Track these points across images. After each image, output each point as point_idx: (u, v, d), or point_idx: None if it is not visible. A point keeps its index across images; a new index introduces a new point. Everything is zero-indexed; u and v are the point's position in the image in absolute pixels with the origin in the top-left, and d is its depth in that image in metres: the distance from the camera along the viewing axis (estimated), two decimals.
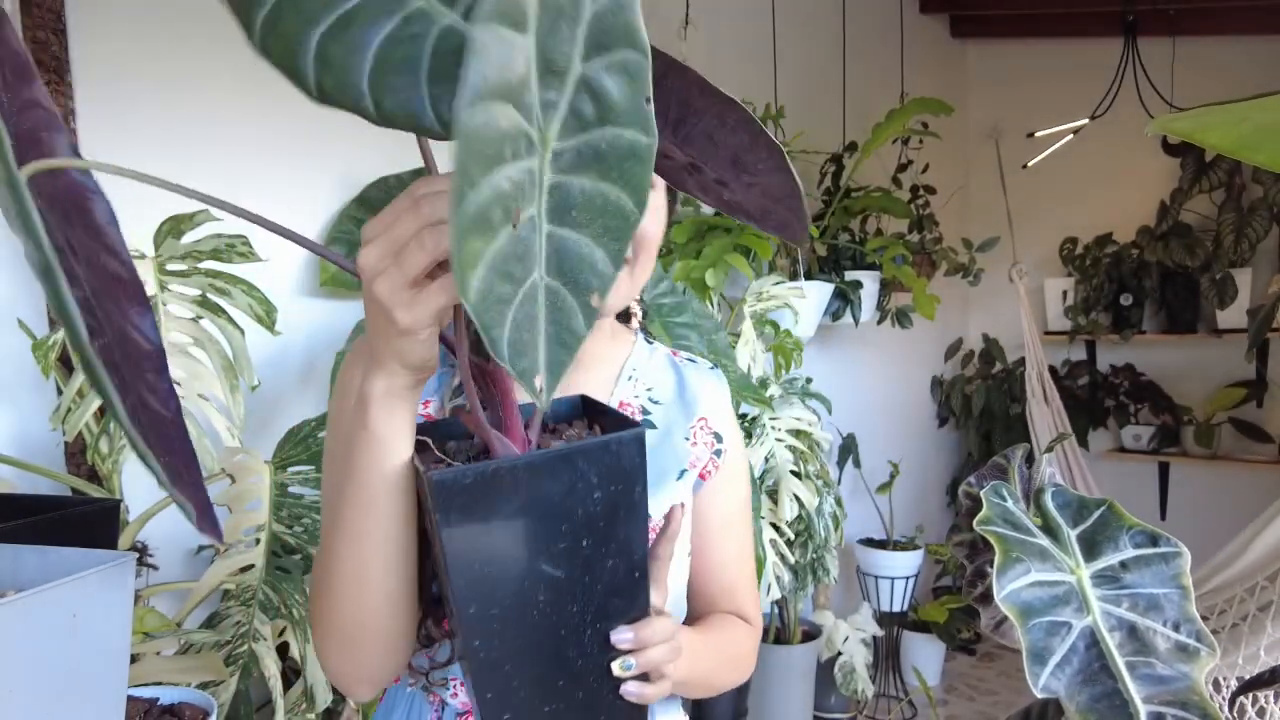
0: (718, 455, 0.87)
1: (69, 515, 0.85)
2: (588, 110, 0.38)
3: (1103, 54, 3.25)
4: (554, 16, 0.35)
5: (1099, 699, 0.80)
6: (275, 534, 1.23)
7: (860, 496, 3.32)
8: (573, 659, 0.55)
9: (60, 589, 0.54)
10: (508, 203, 0.37)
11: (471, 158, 0.34)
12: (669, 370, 0.89)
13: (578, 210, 0.40)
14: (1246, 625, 1.89)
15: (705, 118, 0.49)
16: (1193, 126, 0.53)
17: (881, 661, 3.11)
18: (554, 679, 0.55)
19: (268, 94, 1.57)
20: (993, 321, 4.04)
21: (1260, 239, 3.28)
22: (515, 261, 0.39)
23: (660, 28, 2.40)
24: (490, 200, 0.36)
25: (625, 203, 0.40)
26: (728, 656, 0.84)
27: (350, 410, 0.59)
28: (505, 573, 0.51)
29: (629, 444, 0.53)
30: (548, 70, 0.36)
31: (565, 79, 0.37)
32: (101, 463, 1.25)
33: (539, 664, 0.54)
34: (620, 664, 0.57)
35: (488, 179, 0.35)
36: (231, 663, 1.13)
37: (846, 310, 2.78)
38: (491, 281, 0.38)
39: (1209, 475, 3.52)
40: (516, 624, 0.53)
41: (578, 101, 0.38)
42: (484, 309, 0.38)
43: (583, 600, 0.54)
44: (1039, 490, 1.01)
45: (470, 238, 0.36)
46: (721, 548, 0.88)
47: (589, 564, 0.54)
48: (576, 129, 0.38)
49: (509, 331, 0.40)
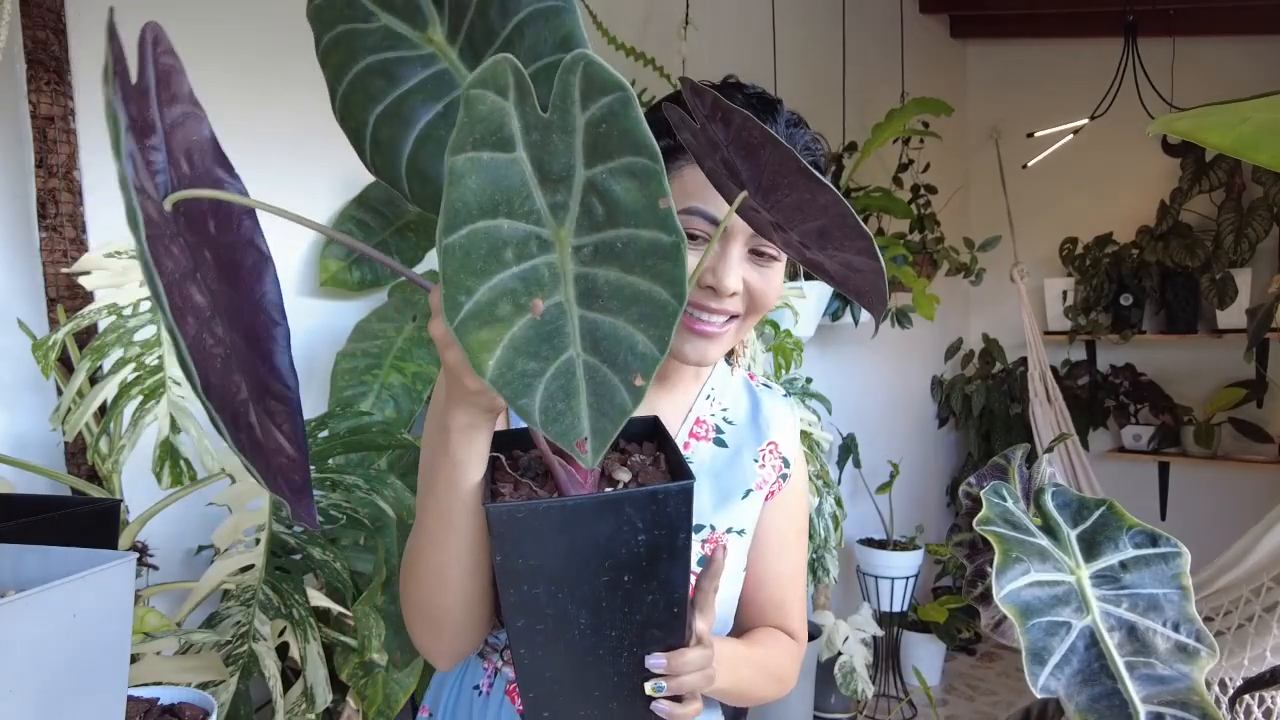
0: (784, 479, 0.92)
1: (69, 515, 0.85)
2: (599, 212, 0.39)
3: (1103, 54, 3.25)
4: (543, 132, 0.37)
5: (1098, 699, 0.80)
6: (275, 534, 1.23)
7: (860, 496, 3.32)
8: (609, 675, 0.59)
9: (60, 589, 0.54)
10: (518, 297, 0.40)
11: (460, 270, 0.38)
12: (745, 394, 0.95)
13: (606, 298, 0.41)
14: (1252, 626, 1.89)
15: (796, 192, 0.51)
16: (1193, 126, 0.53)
17: (881, 661, 3.11)
18: (590, 690, 0.60)
19: (267, 94, 1.57)
20: (993, 321, 4.04)
21: (1260, 239, 3.28)
22: (541, 342, 0.41)
23: (660, 27, 2.40)
24: (493, 299, 0.39)
25: (659, 293, 0.41)
26: (770, 671, 0.86)
27: (435, 434, 0.66)
28: (551, 596, 0.56)
29: (675, 495, 0.56)
30: (547, 179, 0.38)
31: (570, 184, 0.38)
32: (101, 463, 1.25)
33: (577, 676, 0.59)
34: (653, 685, 0.61)
35: (486, 284, 0.39)
36: (231, 663, 1.13)
37: (846, 310, 2.78)
38: (513, 360, 0.41)
39: (1209, 475, 3.52)
40: (558, 640, 0.57)
41: (588, 203, 0.39)
42: (504, 383, 0.42)
43: (621, 627, 0.58)
44: (1039, 490, 1.01)
45: (474, 331, 0.40)
46: (777, 563, 0.92)
47: (629, 597, 0.57)
48: (590, 228, 0.40)
49: (540, 401, 0.43)
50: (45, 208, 1.30)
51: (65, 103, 1.31)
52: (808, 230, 0.53)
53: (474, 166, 0.36)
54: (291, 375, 0.43)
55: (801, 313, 2.37)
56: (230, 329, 0.42)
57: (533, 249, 0.39)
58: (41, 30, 1.28)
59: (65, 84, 1.31)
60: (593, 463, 0.45)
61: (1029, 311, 3.37)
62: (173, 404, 1.20)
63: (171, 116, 0.42)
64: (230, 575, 1.20)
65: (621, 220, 0.39)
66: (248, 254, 0.42)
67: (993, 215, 3.82)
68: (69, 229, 1.32)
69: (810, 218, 0.52)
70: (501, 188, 0.37)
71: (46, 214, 1.30)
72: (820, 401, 2.42)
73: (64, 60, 1.31)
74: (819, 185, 0.49)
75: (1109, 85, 3.01)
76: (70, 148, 1.32)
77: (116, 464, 1.22)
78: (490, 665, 0.85)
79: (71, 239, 1.32)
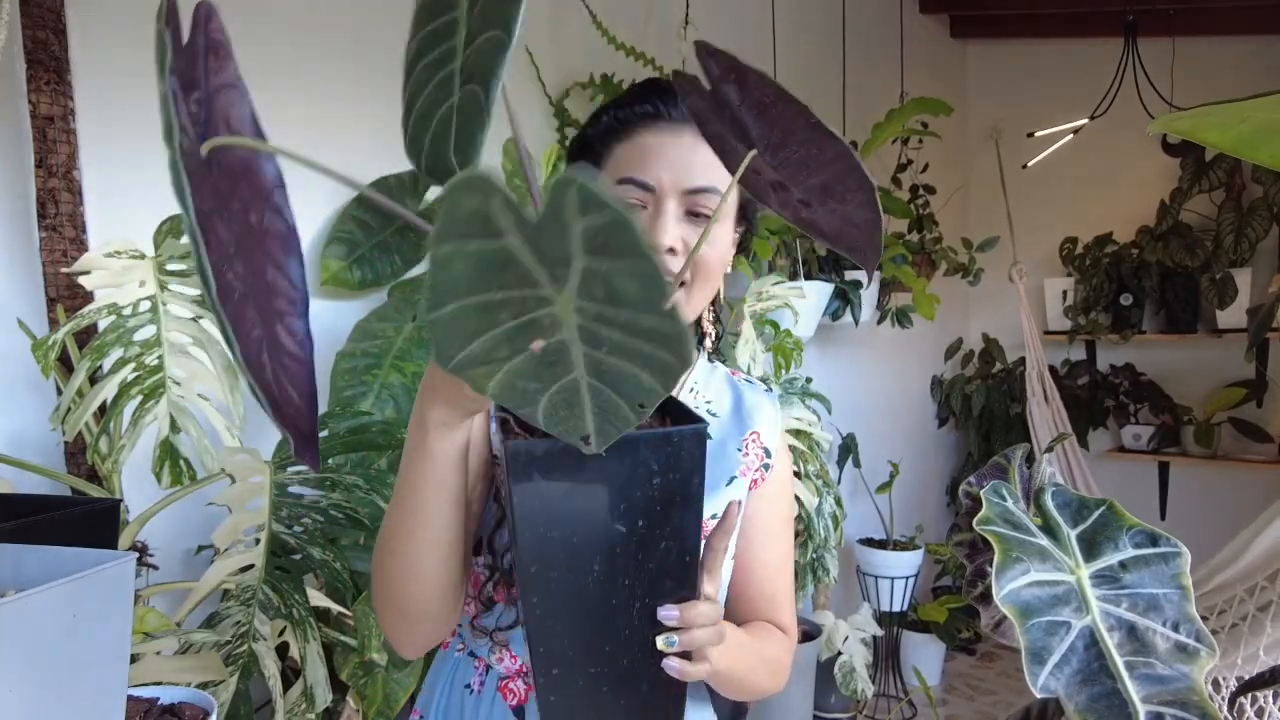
0: (766, 469, 0.92)
1: (69, 515, 0.85)
2: (599, 293, 0.36)
3: (1102, 54, 3.25)
4: (534, 231, 0.33)
5: (1098, 699, 0.80)
6: (275, 534, 1.23)
7: (860, 496, 3.32)
8: (620, 628, 0.59)
9: (60, 589, 0.54)
10: (515, 345, 0.39)
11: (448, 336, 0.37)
12: (727, 388, 0.96)
13: (610, 349, 0.40)
14: (1246, 625, 1.89)
15: (806, 147, 0.51)
16: (1193, 125, 0.53)
17: (881, 661, 3.11)
18: (600, 644, 0.59)
19: (266, 93, 1.57)
20: (993, 321, 4.04)
21: (1260, 239, 3.28)
22: (543, 369, 0.41)
23: (660, 27, 2.40)
24: (489, 349, 0.38)
25: (665, 357, 0.39)
26: (767, 661, 0.86)
27: (414, 428, 0.66)
28: (565, 539, 0.56)
29: (690, 438, 0.57)
30: (544, 259, 0.35)
31: (570, 266, 0.35)
32: (101, 463, 1.25)
33: (588, 628, 0.59)
34: (664, 639, 0.60)
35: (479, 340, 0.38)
36: (231, 663, 1.13)
37: (846, 310, 2.78)
38: (513, 382, 0.41)
39: (1209, 475, 3.52)
40: (571, 588, 0.57)
41: (588, 282, 0.36)
42: (507, 399, 0.41)
43: (634, 575, 0.58)
44: (1039, 490, 1.01)
45: (470, 369, 0.39)
46: (763, 551, 0.92)
47: (643, 543, 0.57)
48: (592, 300, 0.37)
49: (544, 409, 0.43)
50: (45, 207, 1.30)
51: (65, 102, 1.31)
52: (811, 186, 0.53)
53: (459, 254, 0.33)
54: (307, 340, 0.43)
55: (801, 313, 2.37)
56: (249, 273, 0.42)
57: (531, 305, 0.37)
58: (41, 30, 1.28)
59: (65, 84, 1.31)
60: (599, 447, 0.46)
61: (1027, 311, 3.37)
62: (172, 404, 1.20)
63: (216, 83, 0.41)
64: (230, 575, 1.20)
65: (625, 305, 0.37)
66: (275, 223, 0.41)
67: (992, 215, 3.82)
68: (69, 229, 1.32)
69: (815, 173, 0.52)
70: (492, 264, 0.34)
71: (46, 214, 1.30)
72: (820, 401, 2.42)
73: (64, 60, 1.31)
74: (829, 138, 0.50)
75: (1109, 85, 3.01)
76: (70, 147, 1.32)
77: (116, 464, 1.22)
78: (481, 663, 0.85)
79: (71, 239, 1.32)
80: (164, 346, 1.22)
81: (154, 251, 1.29)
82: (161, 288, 1.26)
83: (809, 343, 2.73)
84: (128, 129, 1.44)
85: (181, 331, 1.25)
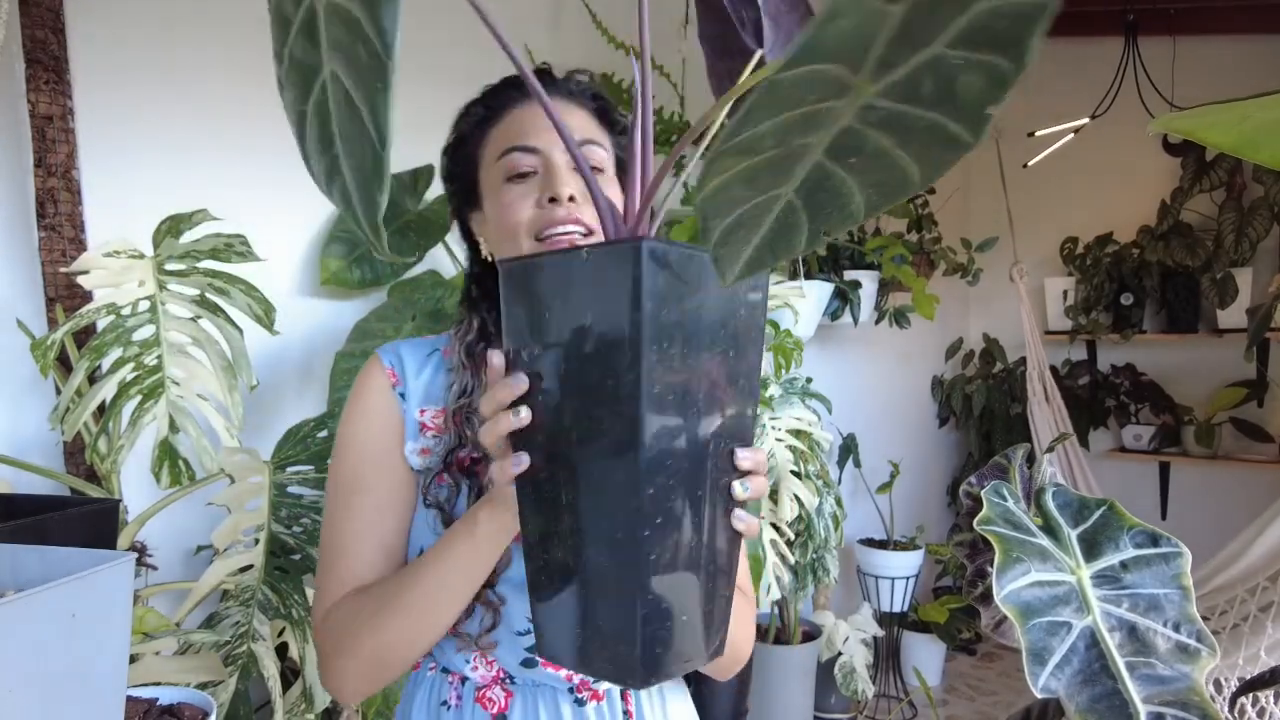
0: None
1: (69, 515, 0.85)
2: (925, 89, 0.35)
3: (1103, 54, 3.25)
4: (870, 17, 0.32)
5: (1099, 699, 0.80)
6: (274, 534, 1.23)
7: (860, 496, 3.32)
8: (709, 471, 0.56)
9: (60, 589, 0.54)
10: (788, 136, 0.37)
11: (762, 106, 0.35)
12: None
13: (859, 159, 0.39)
14: (1247, 626, 1.89)
15: None
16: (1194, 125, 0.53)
17: (882, 661, 3.11)
18: (695, 490, 0.55)
19: (266, 93, 1.57)
20: (993, 321, 4.04)
21: (1261, 238, 3.27)
22: (765, 174, 0.39)
23: (661, 27, 2.40)
24: (765, 134, 0.37)
25: (912, 172, 0.38)
26: (748, 618, 0.87)
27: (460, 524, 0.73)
28: (688, 349, 0.53)
29: (764, 283, 0.58)
30: (903, 42, 0.33)
31: (914, 56, 0.34)
32: (100, 462, 1.25)
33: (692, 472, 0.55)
34: (741, 484, 0.58)
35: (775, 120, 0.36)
36: (231, 663, 1.13)
37: (846, 310, 2.78)
38: (730, 185, 0.39)
39: (1209, 475, 3.52)
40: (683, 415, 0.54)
41: (919, 75, 0.34)
42: (709, 201, 0.40)
43: (718, 409, 0.56)
44: (1039, 490, 1.00)
45: (725, 160, 0.38)
46: None
47: (731, 375, 0.56)
48: (900, 98, 0.36)
49: (726, 222, 0.41)
50: (44, 207, 1.30)
51: (64, 102, 1.31)
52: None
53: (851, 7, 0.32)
54: None
55: (801, 312, 2.37)
56: None
57: (831, 92, 0.35)
58: (41, 30, 1.28)
59: (64, 83, 1.31)
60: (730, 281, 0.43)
61: (1028, 311, 3.37)
62: (171, 404, 1.20)
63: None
64: (229, 575, 1.20)
65: (942, 107, 0.35)
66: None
67: (992, 215, 3.82)
68: (68, 228, 1.32)
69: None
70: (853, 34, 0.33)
71: (45, 213, 1.30)
72: (820, 401, 2.42)
73: (63, 60, 1.31)
74: None
75: (1110, 84, 3.01)
76: (69, 147, 1.32)
77: (115, 464, 1.22)
78: (455, 677, 0.85)
79: (70, 238, 1.32)
80: (163, 346, 1.22)
81: (153, 251, 1.29)
82: (160, 287, 1.25)
83: (809, 342, 2.73)
84: (127, 129, 1.44)
85: (180, 331, 1.25)
